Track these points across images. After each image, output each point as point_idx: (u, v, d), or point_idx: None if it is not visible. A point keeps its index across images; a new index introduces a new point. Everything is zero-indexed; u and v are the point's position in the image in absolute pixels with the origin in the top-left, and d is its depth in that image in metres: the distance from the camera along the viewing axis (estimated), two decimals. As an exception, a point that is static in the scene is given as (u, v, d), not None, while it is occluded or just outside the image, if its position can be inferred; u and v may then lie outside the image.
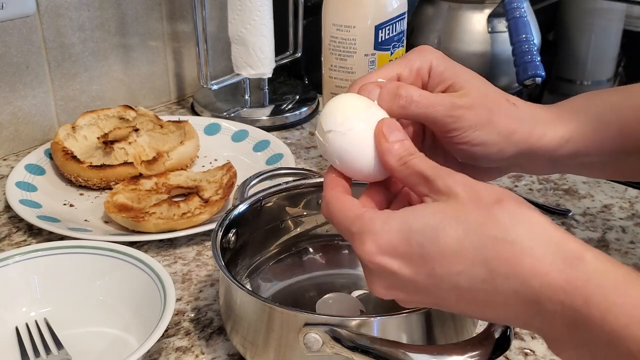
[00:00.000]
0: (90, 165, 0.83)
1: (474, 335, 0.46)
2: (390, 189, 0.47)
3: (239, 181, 0.78)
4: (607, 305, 0.35)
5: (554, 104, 0.57)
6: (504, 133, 0.52)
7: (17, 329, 0.60)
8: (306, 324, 0.48)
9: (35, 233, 0.75)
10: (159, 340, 0.53)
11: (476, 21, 1.06)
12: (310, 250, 0.68)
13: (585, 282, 0.36)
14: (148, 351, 0.52)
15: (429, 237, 0.39)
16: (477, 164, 0.54)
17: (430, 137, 0.54)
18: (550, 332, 0.38)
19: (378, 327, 0.49)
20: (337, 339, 0.47)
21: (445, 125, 0.50)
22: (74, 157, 0.83)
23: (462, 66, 0.53)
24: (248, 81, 1.05)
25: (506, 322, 0.44)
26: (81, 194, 0.83)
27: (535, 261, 0.37)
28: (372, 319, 0.49)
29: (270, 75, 1.02)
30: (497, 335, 0.46)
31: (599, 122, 0.55)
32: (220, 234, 0.58)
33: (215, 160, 0.91)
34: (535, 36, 1.01)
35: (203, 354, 0.58)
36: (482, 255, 0.38)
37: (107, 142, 0.86)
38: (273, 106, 1.04)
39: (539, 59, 0.97)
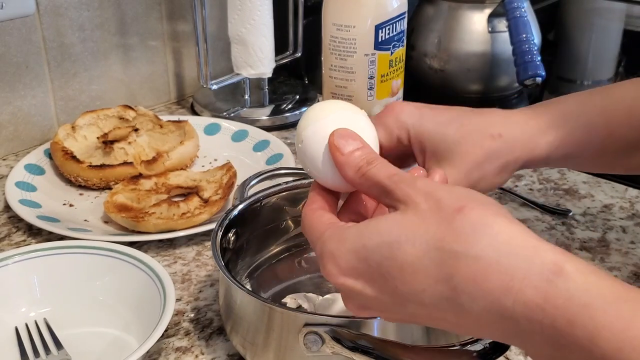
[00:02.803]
0: (90, 165, 0.83)
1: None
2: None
3: (239, 181, 0.78)
4: (596, 327, 0.31)
5: (543, 105, 0.58)
6: (496, 172, 0.53)
7: (16, 329, 0.59)
8: (306, 324, 0.48)
9: (35, 233, 0.75)
10: (158, 341, 0.53)
11: (476, 21, 1.06)
12: (310, 250, 0.68)
13: (566, 300, 0.32)
14: (148, 351, 0.52)
15: (386, 255, 0.36)
16: None
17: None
18: (532, 351, 0.34)
19: (378, 327, 0.48)
20: (337, 339, 0.47)
21: None
22: (74, 157, 0.83)
23: (438, 119, 0.53)
24: (248, 81, 1.05)
25: (484, 337, 0.40)
26: (81, 194, 0.83)
27: (504, 277, 0.33)
28: (372, 319, 0.49)
29: (270, 75, 1.02)
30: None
31: (589, 127, 0.56)
32: (220, 234, 0.58)
33: (215, 160, 0.91)
34: (535, 36, 1.01)
35: (203, 354, 0.58)
36: (444, 273, 0.35)
37: (107, 142, 0.86)
38: (273, 106, 1.04)
39: (539, 58, 0.97)
